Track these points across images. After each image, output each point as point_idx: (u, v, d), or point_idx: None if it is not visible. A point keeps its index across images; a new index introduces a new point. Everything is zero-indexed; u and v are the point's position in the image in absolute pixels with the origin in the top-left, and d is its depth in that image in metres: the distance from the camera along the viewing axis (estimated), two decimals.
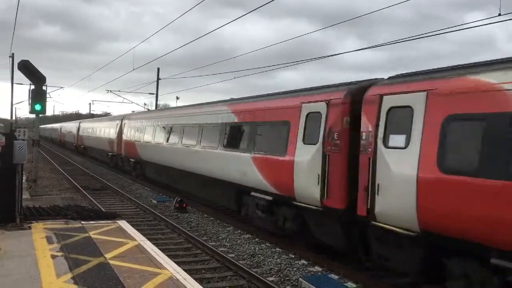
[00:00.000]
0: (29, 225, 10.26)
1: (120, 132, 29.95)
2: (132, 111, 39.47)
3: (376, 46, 13.92)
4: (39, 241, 8.91)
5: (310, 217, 11.10)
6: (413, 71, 9.16)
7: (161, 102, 73.23)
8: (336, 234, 10.30)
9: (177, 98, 65.94)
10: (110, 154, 32.96)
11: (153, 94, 43.82)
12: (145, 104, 55.27)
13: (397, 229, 8.29)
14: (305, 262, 10.79)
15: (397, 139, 8.52)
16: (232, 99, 17.38)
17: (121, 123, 30.06)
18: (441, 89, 7.84)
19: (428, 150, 7.77)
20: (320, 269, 10.32)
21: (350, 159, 9.69)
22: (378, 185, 8.65)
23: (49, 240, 9.00)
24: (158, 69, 41.80)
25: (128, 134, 28.09)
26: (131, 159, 27.62)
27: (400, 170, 8.23)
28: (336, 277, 9.75)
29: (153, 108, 45.44)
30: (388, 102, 8.76)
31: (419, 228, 7.87)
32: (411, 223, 7.97)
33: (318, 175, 10.32)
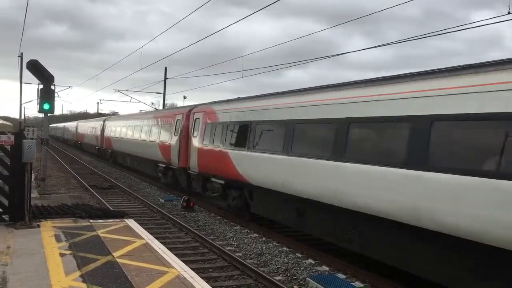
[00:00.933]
0: (37, 223, 10.32)
1: (185, 133, 19.83)
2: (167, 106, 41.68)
3: (383, 45, 13.88)
4: (48, 240, 8.96)
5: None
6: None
7: (168, 101, 73.42)
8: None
9: (185, 97, 66.15)
10: (163, 166, 22.84)
11: (160, 93, 43.97)
12: (152, 104, 55.42)
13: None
14: (312, 262, 10.78)
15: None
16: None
17: (188, 118, 19.78)
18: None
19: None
20: (327, 269, 10.31)
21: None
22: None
23: (58, 239, 9.05)
24: (166, 68, 41.92)
25: (207, 137, 17.24)
26: (216, 180, 16.25)
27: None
28: (343, 276, 9.73)
29: (161, 107, 45.57)
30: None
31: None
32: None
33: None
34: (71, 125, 69.67)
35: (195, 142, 18.40)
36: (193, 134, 18.87)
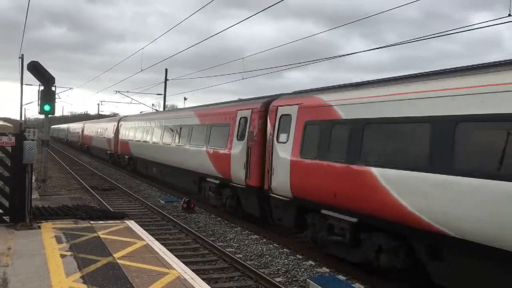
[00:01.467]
0: (38, 224, 10.33)
1: (259, 136, 13.83)
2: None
3: (383, 47, 13.88)
4: (48, 241, 8.97)
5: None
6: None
7: (168, 102, 73.41)
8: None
9: (185, 99, 66.22)
10: (216, 182, 16.50)
11: (161, 94, 44.00)
12: (153, 105, 55.45)
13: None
14: (313, 263, 10.78)
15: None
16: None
17: (265, 114, 13.78)
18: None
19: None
20: (327, 270, 10.31)
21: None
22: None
23: (58, 240, 9.06)
24: (166, 70, 41.97)
25: (311, 143, 11.57)
26: (338, 216, 10.74)
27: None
28: (344, 278, 9.73)
29: (161, 108, 45.58)
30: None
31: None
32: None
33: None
34: (76, 126, 62.87)
35: (283, 150, 12.10)
36: (277, 138, 12.56)
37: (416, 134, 8.26)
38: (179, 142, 20.43)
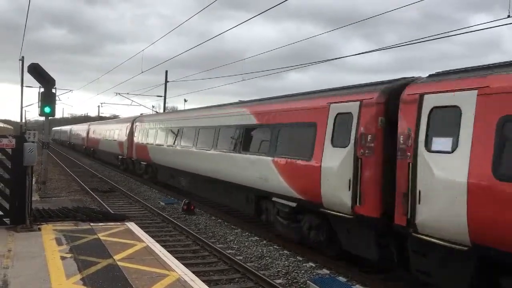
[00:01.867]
0: (38, 226, 10.34)
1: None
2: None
3: (383, 48, 13.90)
4: (49, 243, 8.97)
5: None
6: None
7: (169, 104, 73.49)
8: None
9: (185, 100, 66.30)
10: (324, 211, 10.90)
11: (161, 96, 44.04)
12: (153, 107, 55.47)
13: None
14: (313, 265, 10.77)
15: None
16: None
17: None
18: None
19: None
20: (328, 272, 10.31)
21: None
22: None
23: (59, 242, 9.07)
24: (166, 72, 41.98)
25: None
26: None
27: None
28: (344, 279, 9.73)
29: (161, 110, 45.60)
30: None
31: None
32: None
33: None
34: (80, 128, 57.98)
35: (446, 165, 7.53)
36: (426, 145, 8.02)
37: None
38: (225, 147, 15.67)
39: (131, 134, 29.32)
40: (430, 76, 8.79)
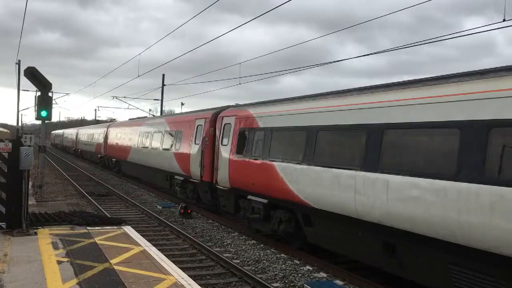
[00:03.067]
0: (35, 231, 10.30)
1: None
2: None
3: (377, 52, 13.93)
4: (45, 247, 8.94)
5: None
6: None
7: (166, 108, 73.48)
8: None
9: (182, 104, 66.31)
10: None
11: (158, 100, 44.00)
12: (150, 110, 55.44)
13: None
14: (310, 268, 10.77)
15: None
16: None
17: None
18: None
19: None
20: (325, 275, 10.30)
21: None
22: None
23: (55, 246, 9.04)
24: (163, 75, 41.96)
25: None
26: None
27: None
28: (341, 283, 9.73)
29: (158, 114, 45.59)
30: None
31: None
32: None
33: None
34: (91, 131, 45.28)
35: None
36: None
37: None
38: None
39: (209, 140, 22.25)
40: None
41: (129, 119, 36.34)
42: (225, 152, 15.15)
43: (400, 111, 8.66)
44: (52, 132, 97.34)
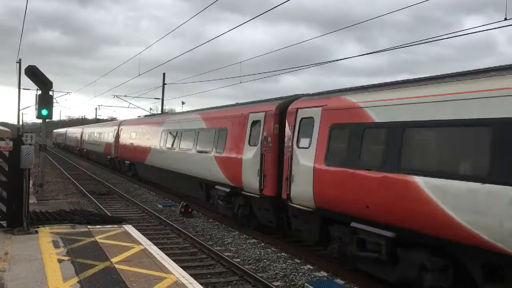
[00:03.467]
0: (36, 229, 10.31)
1: None
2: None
3: (377, 51, 13.92)
4: (46, 246, 8.95)
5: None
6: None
7: (166, 107, 73.48)
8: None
9: (183, 103, 66.35)
10: None
11: (158, 99, 44.00)
12: (150, 109, 55.44)
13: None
14: (311, 267, 10.77)
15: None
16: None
17: None
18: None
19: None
20: (325, 274, 10.30)
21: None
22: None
23: (56, 245, 9.05)
24: (164, 74, 41.95)
25: None
26: None
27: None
28: (341, 282, 9.73)
29: (159, 112, 45.58)
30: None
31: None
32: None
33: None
34: (100, 130, 41.77)
35: None
36: None
37: None
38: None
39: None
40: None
41: (145, 116, 32.91)
42: (305, 157, 10.98)
43: None
44: (54, 130, 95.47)
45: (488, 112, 6.98)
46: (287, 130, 11.96)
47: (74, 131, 63.40)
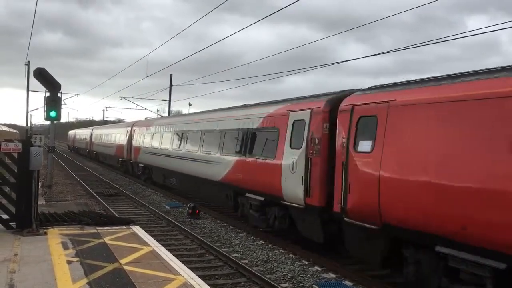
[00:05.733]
0: (44, 230, 10.35)
1: None
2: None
3: (383, 52, 13.86)
4: (55, 247, 8.98)
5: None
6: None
7: (173, 108, 73.54)
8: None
9: (190, 104, 66.41)
10: None
11: (165, 100, 44.09)
12: (157, 111, 55.54)
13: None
14: (319, 269, 10.73)
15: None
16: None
17: None
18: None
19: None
20: (334, 276, 10.26)
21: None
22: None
23: (65, 246, 9.07)
24: (171, 75, 42.03)
25: None
26: None
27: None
28: (350, 284, 9.68)
29: (166, 114, 45.66)
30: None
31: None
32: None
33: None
34: (113, 132, 39.01)
35: None
36: None
37: None
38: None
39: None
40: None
41: (161, 117, 31.42)
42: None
43: None
44: (70, 132, 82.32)
45: None
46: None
47: (82, 132, 62.08)
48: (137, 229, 11.07)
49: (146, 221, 16.17)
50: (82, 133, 61.44)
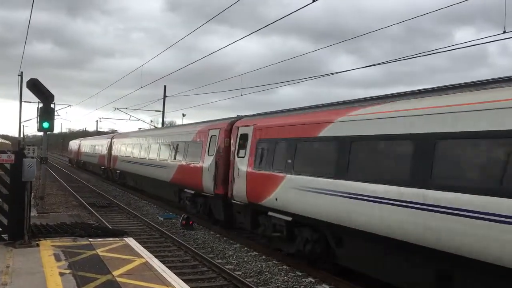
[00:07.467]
0: (37, 242, 10.28)
1: None
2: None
3: (374, 65, 14.07)
4: (47, 259, 8.93)
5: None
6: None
7: (167, 119, 73.51)
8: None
9: (184, 115, 66.43)
10: None
11: (159, 111, 44.11)
12: (151, 121, 55.49)
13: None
14: (312, 280, 10.73)
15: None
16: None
17: None
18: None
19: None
20: (327, 287, 10.26)
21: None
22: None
23: (57, 258, 9.02)
24: (165, 86, 42.11)
25: None
26: None
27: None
28: None
29: (159, 125, 45.64)
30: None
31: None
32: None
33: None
34: (98, 143, 40.07)
35: None
36: None
37: None
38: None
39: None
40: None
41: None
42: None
43: None
44: (71, 142, 78.65)
45: None
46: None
47: (73, 143, 63.34)
48: (130, 241, 11.02)
49: (139, 233, 16.10)
50: (73, 143, 62.82)
